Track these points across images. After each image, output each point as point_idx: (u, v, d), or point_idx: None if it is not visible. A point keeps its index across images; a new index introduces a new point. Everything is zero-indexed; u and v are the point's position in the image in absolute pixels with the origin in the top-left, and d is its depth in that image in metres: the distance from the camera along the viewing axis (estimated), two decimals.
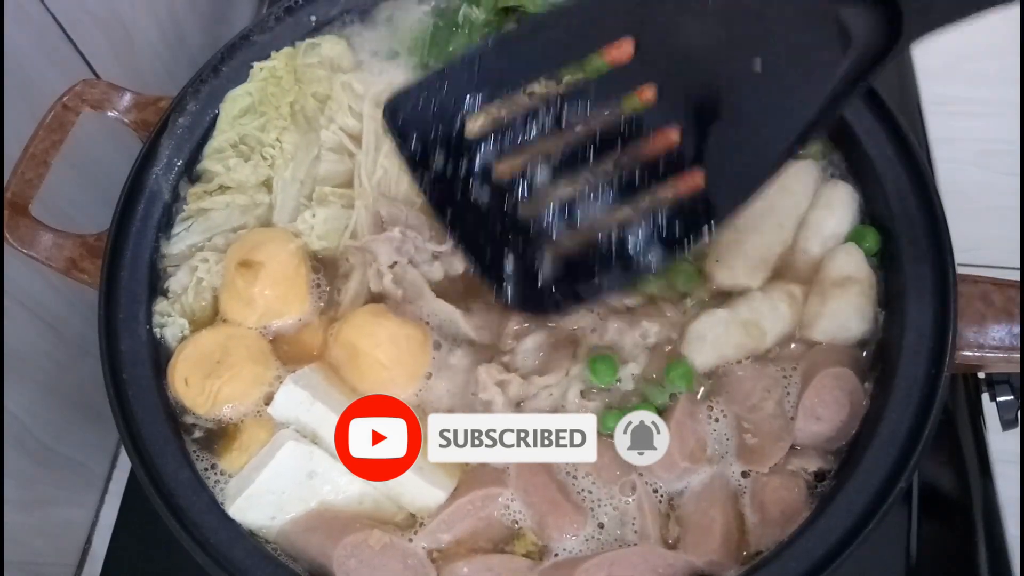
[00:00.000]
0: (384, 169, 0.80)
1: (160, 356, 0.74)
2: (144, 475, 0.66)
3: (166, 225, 0.79)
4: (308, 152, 0.81)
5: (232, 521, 0.66)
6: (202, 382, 0.71)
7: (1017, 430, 0.77)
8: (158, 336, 0.75)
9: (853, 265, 0.72)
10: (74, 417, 0.95)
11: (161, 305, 0.76)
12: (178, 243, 0.79)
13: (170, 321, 0.75)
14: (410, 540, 0.66)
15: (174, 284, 0.77)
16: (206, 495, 0.67)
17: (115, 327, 0.73)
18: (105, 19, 0.95)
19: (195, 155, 0.82)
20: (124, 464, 1.03)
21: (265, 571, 0.63)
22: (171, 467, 0.67)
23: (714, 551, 0.64)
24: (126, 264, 0.76)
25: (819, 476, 0.67)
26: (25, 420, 0.86)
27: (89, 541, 0.99)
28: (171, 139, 0.81)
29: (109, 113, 0.83)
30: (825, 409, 0.68)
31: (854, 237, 0.75)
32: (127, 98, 0.84)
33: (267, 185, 0.81)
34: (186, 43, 1.12)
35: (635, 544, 0.66)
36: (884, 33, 0.52)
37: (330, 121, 0.82)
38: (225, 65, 0.84)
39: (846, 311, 0.71)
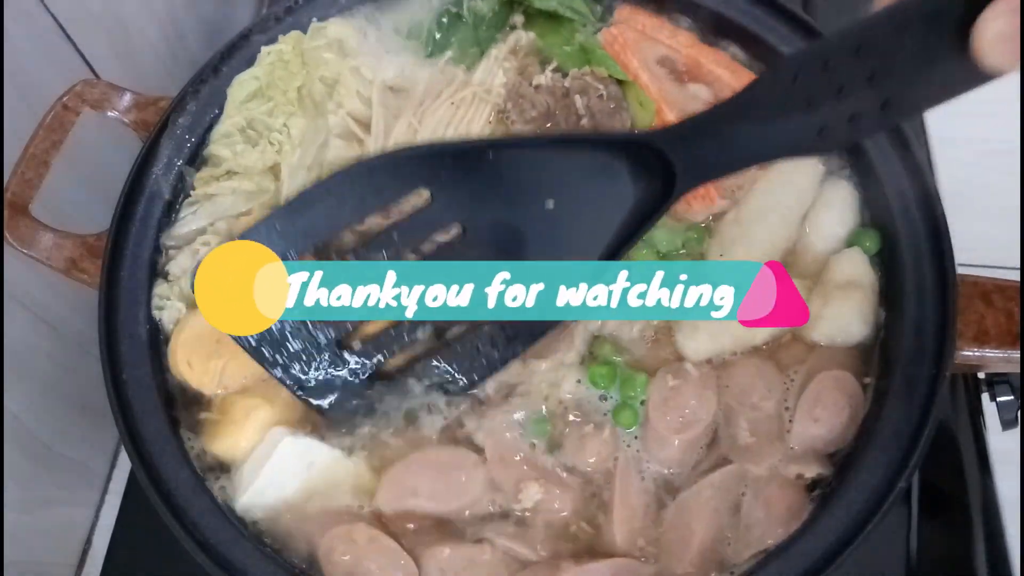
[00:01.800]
0: None
1: (160, 354, 0.74)
2: (144, 475, 0.66)
3: (166, 225, 0.79)
4: (316, 137, 0.81)
5: (232, 521, 0.66)
6: (205, 363, 0.71)
7: (1017, 430, 0.77)
8: (156, 319, 0.74)
9: (857, 270, 0.72)
10: (74, 417, 0.95)
11: (160, 288, 0.75)
12: (183, 226, 0.79)
13: (168, 304, 0.74)
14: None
15: (174, 267, 0.77)
16: (206, 495, 0.67)
17: (115, 327, 0.73)
18: (105, 19, 0.95)
19: (195, 155, 0.82)
20: (124, 464, 1.03)
21: (265, 571, 0.63)
22: (171, 467, 0.67)
23: (689, 563, 0.64)
24: (126, 264, 0.75)
25: (816, 483, 0.66)
26: (25, 420, 0.86)
27: (89, 541, 0.99)
28: (171, 139, 0.81)
29: (109, 113, 0.83)
30: (823, 411, 0.67)
31: (854, 238, 0.75)
32: (127, 98, 0.84)
33: (274, 171, 0.81)
34: (186, 43, 1.12)
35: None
36: (660, 185, 0.61)
37: (338, 106, 0.81)
38: (225, 65, 0.84)
39: (847, 315, 0.71)
